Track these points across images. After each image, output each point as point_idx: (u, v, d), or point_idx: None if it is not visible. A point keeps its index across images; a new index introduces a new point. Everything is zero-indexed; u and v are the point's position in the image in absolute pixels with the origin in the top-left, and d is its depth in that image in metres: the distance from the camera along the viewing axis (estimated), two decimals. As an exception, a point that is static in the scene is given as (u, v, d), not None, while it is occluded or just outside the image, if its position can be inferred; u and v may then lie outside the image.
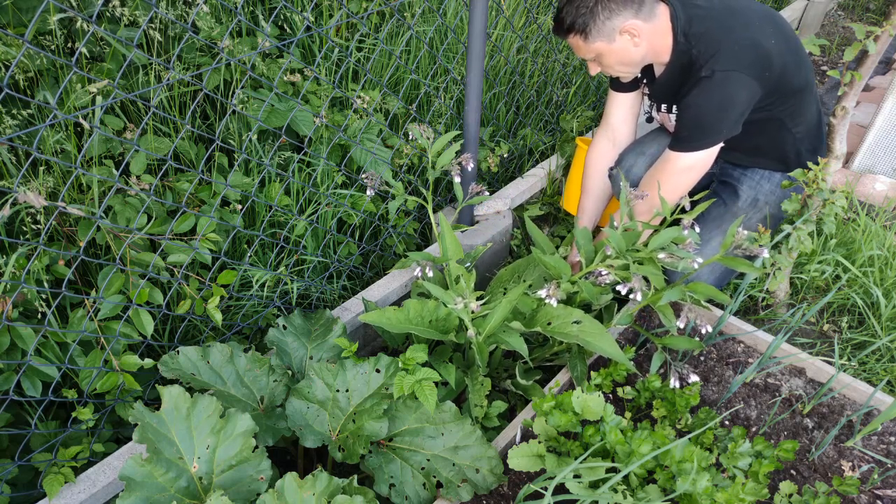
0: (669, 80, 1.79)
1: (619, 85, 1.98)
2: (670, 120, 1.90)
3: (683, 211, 2.12)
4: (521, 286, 1.67)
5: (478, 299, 1.52)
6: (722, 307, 1.94)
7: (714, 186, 2.04)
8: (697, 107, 1.70)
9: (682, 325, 1.49)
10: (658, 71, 1.83)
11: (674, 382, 1.53)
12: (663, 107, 1.91)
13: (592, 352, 1.69)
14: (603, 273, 1.53)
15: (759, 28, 1.69)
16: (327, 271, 2.00)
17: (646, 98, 1.99)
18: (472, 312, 1.52)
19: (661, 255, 1.47)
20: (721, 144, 1.75)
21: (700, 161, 1.77)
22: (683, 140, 1.76)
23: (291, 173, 1.89)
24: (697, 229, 1.55)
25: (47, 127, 1.57)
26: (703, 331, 1.51)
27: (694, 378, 1.49)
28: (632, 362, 1.66)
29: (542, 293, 1.51)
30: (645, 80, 1.92)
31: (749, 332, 1.80)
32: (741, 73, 1.64)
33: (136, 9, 1.66)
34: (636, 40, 1.68)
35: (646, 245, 1.50)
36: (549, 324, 1.63)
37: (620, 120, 2.04)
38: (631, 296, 1.45)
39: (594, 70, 1.81)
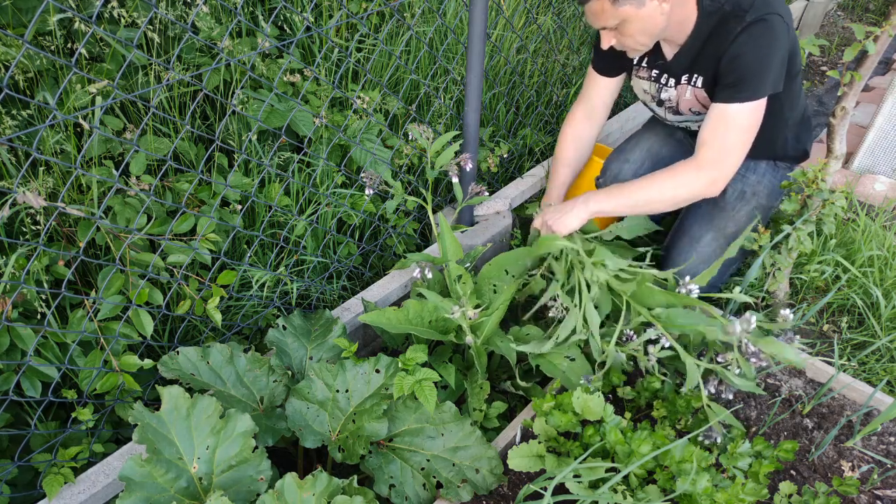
0: (695, 47, 1.74)
1: (604, 68, 1.96)
2: (687, 94, 1.85)
3: (658, 226, 2.11)
4: (511, 287, 1.67)
5: (476, 307, 1.53)
6: (721, 305, 1.94)
7: None
8: (755, 49, 1.62)
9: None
10: (669, 51, 1.80)
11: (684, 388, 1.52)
12: (683, 78, 1.84)
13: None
14: (632, 336, 1.52)
15: None
16: (327, 271, 2.00)
17: (651, 83, 1.92)
18: (470, 320, 1.52)
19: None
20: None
21: (758, 112, 1.67)
22: (740, 89, 1.65)
23: (291, 173, 1.89)
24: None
25: (47, 127, 1.57)
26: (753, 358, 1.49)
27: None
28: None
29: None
30: (646, 64, 1.88)
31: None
32: (783, 19, 1.62)
33: (135, 9, 1.66)
34: (664, 6, 1.62)
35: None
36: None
37: (601, 101, 2.03)
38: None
39: (608, 41, 1.72)
